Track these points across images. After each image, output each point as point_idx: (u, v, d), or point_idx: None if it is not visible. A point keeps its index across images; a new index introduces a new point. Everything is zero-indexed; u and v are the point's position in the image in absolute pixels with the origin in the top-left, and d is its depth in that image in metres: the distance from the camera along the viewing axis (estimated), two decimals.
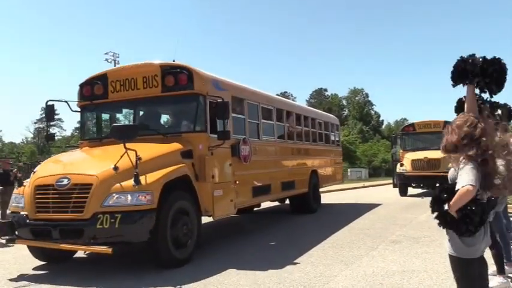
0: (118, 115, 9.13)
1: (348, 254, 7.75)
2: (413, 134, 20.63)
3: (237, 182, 8.97)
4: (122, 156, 6.66)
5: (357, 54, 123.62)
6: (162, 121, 8.96)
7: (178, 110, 8.71)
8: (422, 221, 11.26)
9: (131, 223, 6.47)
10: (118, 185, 6.62)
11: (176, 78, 8.11)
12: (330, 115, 17.63)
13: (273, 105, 11.21)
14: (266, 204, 14.59)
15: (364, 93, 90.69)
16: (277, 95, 20.95)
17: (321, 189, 14.73)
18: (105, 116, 9.22)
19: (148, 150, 7.37)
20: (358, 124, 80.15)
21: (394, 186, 20.50)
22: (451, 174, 3.61)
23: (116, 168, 6.74)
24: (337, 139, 17.21)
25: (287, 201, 13.84)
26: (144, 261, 7.38)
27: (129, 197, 6.58)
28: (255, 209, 14.28)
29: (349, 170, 60.69)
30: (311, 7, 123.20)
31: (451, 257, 3.51)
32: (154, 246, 6.85)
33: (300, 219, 12.39)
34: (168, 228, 6.91)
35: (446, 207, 3.30)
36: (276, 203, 14.90)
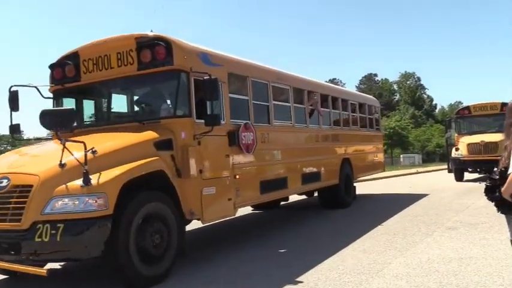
0: (93, 100, 7.59)
1: (402, 241, 7.49)
2: (468, 117, 19.52)
3: (238, 177, 7.27)
4: (63, 150, 5.12)
5: (407, 37, 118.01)
6: (141, 105, 7.35)
7: (156, 91, 7.11)
8: (479, 207, 10.57)
9: (77, 235, 4.93)
10: (63, 186, 5.08)
11: (153, 52, 6.47)
12: (368, 96, 15.43)
13: (288, 83, 9.34)
14: (294, 198, 12.80)
15: (415, 77, 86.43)
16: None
17: (368, 177, 13.05)
18: (82, 102, 7.70)
19: (109, 141, 5.83)
20: (410, 109, 76.68)
21: (449, 172, 19.45)
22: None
23: (62, 165, 5.20)
24: (376, 123, 15.04)
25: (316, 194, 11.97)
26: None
27: (76, 202, 5.02)
28: (282, 203, 12.54)
29: (401, 156, 58.74)
30: None
31: None
32: (113, 262, 5.29)
33: (342, 210, 11.42)
34: (132, 238, 5.34)
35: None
36: (304, 197, 13.03)
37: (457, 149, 18.19)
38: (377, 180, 21.75)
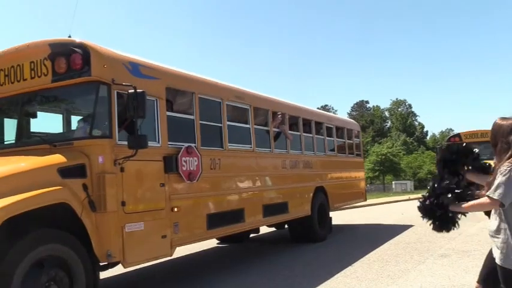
0: (4, 117, 6.40)
1: (394, 268, 7.40)
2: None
3: (176, 210, 6.08)
4: None
5: (398, 64, 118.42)
6: (56, 124, 6.18)
7: (73, 106, 5.99)
8: (471, 234, 10.29)
9: None
10: None
11: (69, 60, 5.37)
12: (347, 119, 14.31)
13: (247, 102, 8.21)
14: (265, 229, 11.55)
15: (407, 104, 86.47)
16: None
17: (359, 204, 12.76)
18: None
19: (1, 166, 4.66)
20: (402, 136, 76.26)
21: None
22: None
23: None
24: (357, 148, 13.91)
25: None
26: None
27: None
28: (252, 235, 11.29)
29: (393, 182, 57.93)
30: (352, 21, 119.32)
31: (503, 269, 3.27)
32: None
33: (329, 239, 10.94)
34: None
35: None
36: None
37: None
38: (368, 207, 21.68)
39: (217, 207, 7.00)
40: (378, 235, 11.42)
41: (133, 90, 5.19)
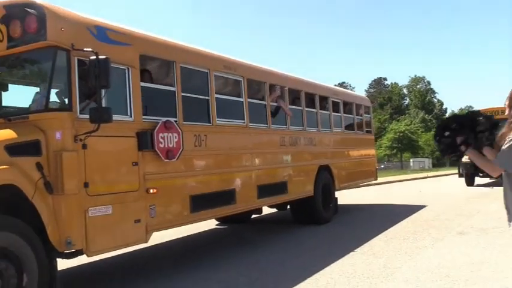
0: None
1: (412, 245, 7.32)
2: None
3: (153, 191, 5.45)
4: None
5: (417, 41, 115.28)
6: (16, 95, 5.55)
7: (29, 75, 5.33)
8: (491, 212, 10.27)
9: None
10: None
11: (23, 23, 4.72)
12: (357, 94, 13.38)
13: (240, 74, 7.47)
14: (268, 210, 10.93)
15: (425, 81, 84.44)
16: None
17: (378, 181, 14.01)
18: None
19: None
20: (420, 113, 74.99)
21: (459, 176, 19.30)
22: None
23: None
24: (367, 124, 13.07)
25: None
26: None
27: None
28: (253, 216, 10.69)
29: (411, 160, 57.63)
30: None
31: None
32: None
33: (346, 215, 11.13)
34: None
35: (463, 148, 3.41)
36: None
37: None
38: (385, 185, 21.82)
39: (203, 188, 6.36)
40: (395, 213, 11.30)
41: (95, 57, 4.53)
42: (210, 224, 10.36)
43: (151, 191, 5.43)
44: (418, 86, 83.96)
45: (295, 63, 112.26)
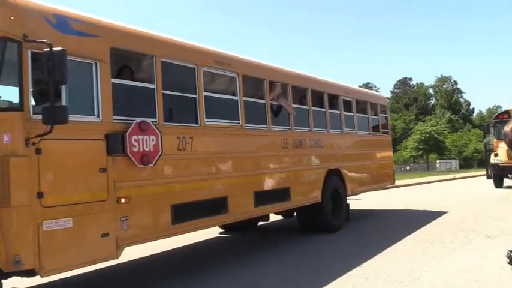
0: None
1: (439, 248, 7.15)
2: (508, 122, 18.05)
3: (124, 201, 4.83)
4: None
5: (443, 40, 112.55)
6: None
7: None
8: None
9: None
10: None
11: None
12: (372, 92, 12.51)
13: (233, 70, 6.79)
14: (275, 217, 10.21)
15: (452, 80, 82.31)
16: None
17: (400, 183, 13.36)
18: None
19: None
20: (447, 113, 73.14)
21: (488, 178, 18.65)
22: None
23: None
24: (384, 125, 12.20)
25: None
26: None
27: None
28: (260, 223, 10.02)
29: (438, 161, 56.25)
30: None
31: None
32: None
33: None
34: None
35: None
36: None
37: (496, 155, 17.47)
38: (410, 187, 21.82)
39: (188, 196, 5.70)
40: (421, 215, 11.05)
41: (48, 49, 3.94)
42: (213, 232, 9.72)
43: (122, 200, 4.81)
44: (444, 86, 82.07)
45: (317, 64, 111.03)
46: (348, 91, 10.35)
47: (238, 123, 6.74)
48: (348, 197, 9.86)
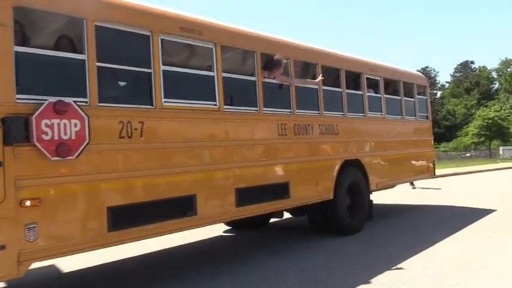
0: None
1: (502, 239, 6.74)
2: None
3: (31, 203, 3.70)
4: None
5: (507, 21, 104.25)
6: None
7: None
8: None
9: None
10: None
11: None
12: (407, 70, 10.53)
13: (208, 39, 5.43)
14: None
15: None
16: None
17: (465, 170, 15.07)
18: None
19: None
20: (511, 98, 67.70)
21: None
22: None
23: None
24: (422, 108, 10.39)
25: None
26: None
27: None
28: (272, 220, 8.71)
29: (501, 148, 53.60)
30: None
31: None
32: None
33: None
34: None
35: None
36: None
37: None
38: (472, 174, 21.26)
39: (135, 196, 4.49)
40: (483, 204, 10.52)
41: None
42: (218, 229, 8.54)
43: (27, 203, 3.68)
44: (509, 69, 76.16)
45: (376, 50, 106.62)
46: (373, 68, 8.69)
47: (215, 104, 5.42)
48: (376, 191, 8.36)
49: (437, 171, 11.63)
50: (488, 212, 9.41)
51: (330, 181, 7.13)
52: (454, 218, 8.92)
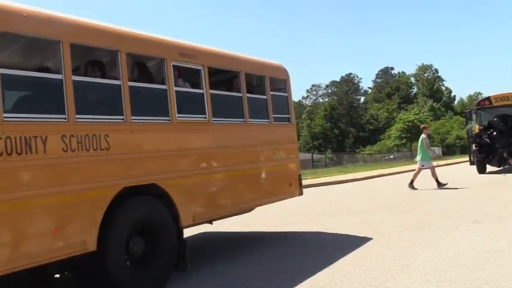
0: None
1: (427, 235, 6.93)
2: (489, 108, 18.56)
3: None
4: None
5: (423, 29, 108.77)
6: None
7: None
8: (505, 199, 10.08)
9: None
10: None
11: None
12: (256, 59, 7.85)
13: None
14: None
15: (433, 69, 79.47)
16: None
17: (390, 171, 18.28)
18: None
19: None
20: (429, 101, 71.08)
21: (471, 164, 18.89)
22: None
23: None
24: (280, 108, 7.94)
25: None
26: None
27: None
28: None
29: None
30: None
31: None
32: None
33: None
34: None
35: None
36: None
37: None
38: (396, 175, 21.86)
39: None
40: (408, 203, 10.83)
41: None
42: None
43: None
44: (425, 75, 79.25)
45: (294, 55, 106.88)
46: (188, 53, 5.99)
47: None
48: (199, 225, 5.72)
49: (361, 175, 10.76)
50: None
51: (89, 224, 4.38)
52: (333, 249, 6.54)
